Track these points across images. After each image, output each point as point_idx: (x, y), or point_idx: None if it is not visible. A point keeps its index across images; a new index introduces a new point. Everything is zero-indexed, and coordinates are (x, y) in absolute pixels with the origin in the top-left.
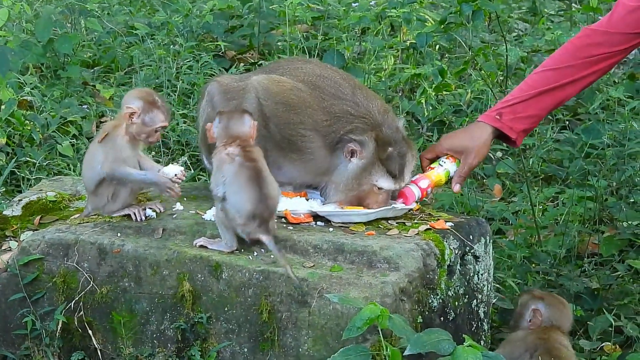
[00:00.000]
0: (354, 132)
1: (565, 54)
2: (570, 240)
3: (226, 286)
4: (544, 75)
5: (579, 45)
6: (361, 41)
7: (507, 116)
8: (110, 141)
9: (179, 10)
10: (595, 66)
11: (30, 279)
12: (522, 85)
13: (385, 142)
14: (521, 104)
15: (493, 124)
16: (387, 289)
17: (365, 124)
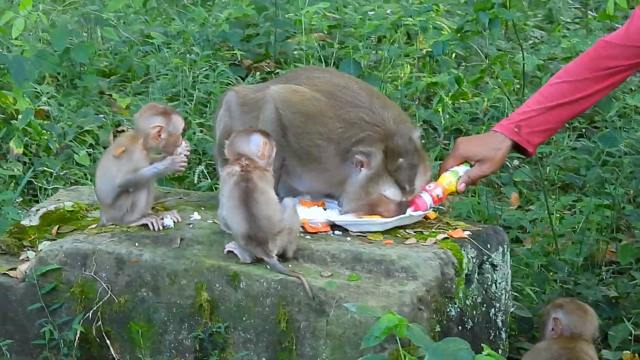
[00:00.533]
0: (364, 142)
1: (580, 66)
2: (588, 249)
3: (244, 296)
4: (559, 87)
5: (595, 57)
6: (377, 50)
7: (525, 130)
8: (127, 155)
9: (195, 19)
10: (611, 78)
11: (48, 289)
12: (538, 97)
13: (395, 152)
14: (538, 117)
15: (512, 137)
16: (405, 298)
17: (377, 133)
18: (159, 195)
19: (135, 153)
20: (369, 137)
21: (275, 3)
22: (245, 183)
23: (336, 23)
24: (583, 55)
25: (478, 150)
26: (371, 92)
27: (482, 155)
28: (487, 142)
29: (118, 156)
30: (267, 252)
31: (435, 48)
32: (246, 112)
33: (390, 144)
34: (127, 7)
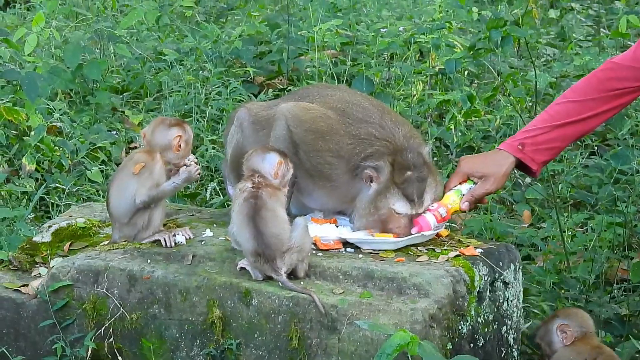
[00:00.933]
0: (372, 157)
1: (588, 86)
2: (600, 266)
3: (256, 312)
4: (566, 107)
5: (603, 78)
6: (390, 67)
7: (529, 147)
8: (147, 171)
9: (208, 36)
10: (618, 100)
11: (60, 305)
12: (544, 116)
13: (402, 166)
14: (543, 135)
15: (515, 154)
16: (416, 315)
17: (386, 148)
18: (171, 212)
19: (156, 168)
20: (377, 151)
21: (288, 20)
22: (254, 200)
23: (348, 40)
24: (591, 75)
25: (480, 167)
26: (382, 109)
27: (484, 172)
28: (490, 159)
29: (138, 173)
30: (276, 270)
31: (448, 65)
32: (258, 130)
33: (398, 158)
34: (140, 24)
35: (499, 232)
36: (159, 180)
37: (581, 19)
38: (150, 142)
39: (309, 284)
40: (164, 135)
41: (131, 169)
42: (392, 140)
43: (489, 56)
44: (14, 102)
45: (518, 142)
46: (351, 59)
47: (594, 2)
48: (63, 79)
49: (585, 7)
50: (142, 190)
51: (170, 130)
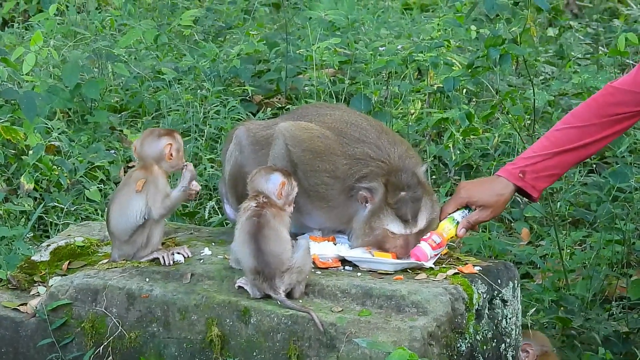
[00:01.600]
0: (367, 177)
1: (588, 112)
2: (598, 284)
3: (255, 331)
4: (567, 133)
5: (602, 103)
6: (388, 85)
7: (530, 175)
8: (150, 184)
9: (206, 55)
10: (619, 125)
11: (58, 324)
12: (544, 142)
13: (396, 186)
14: (543, 162)
15: (516, 183)
16: (415, 333)
17: (380, 169)
18: (169, 231)
19: (159, 180)
20: (371, 172)
21: (286, 39)
22: (257, 218)
23: (347, 59)
24: (590, 100)
25: (480, 195)
26: (380, 128)
27: (484, 201)
28: (490, 188)
29: (141, 190)
30: (274, 289)
31: (447, 84)
32: (257, 150)
33: (392, 178)
34: (138, 43)
35: (498, 250)
36: (167, 191)
37: (579, 37)
38: (142, 154)
39: (307, 303)
40: (155, 146)
41: (132, 187)
42: (387, 161)
43: (488, 74)
44: (12, 122)
45: (519, 169)
46: (349, 77)
47: (593, 20)
48: (61, 98)
49: (583, 25)
50: (156, 205)
51: (160, 140)
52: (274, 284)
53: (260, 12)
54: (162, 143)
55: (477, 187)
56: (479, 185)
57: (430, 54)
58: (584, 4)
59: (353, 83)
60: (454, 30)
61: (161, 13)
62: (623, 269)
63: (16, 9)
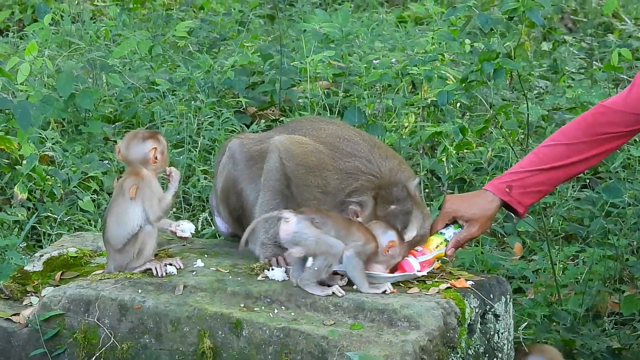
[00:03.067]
0: (357, 191)
1: (578, 130)
2: (591, 299)
3: (247, 343)
4: (555, 150)
5: (592, 122)
6: (382, 98)
7: (516, 190)
8: (144, 189)
9: (200, 66)
10: (607, 144)
11: (51, 334)
12: (532, 158)
13: (385, 200)
14: (531, 178)
15: (502, 197)
16: (407, 347)
17: (371, 182)
18: (162, 242)
19: (152, 183)
20: (362, 186)
21: (280, 51)
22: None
23: (341, 71)
24: (580, 118)
25: (465, 210)
26: (373, 143)
27: (469, 216)
28: (476, 202)
29: (135, 196)
30: None
31: (440, 98)
32: (251, 166)
33: (382, 192)
34: (132, 54)
35: (490, 265)
36: (160, 192)
37: (574, 52)
38: (127, 158)
39: (299, 315)
40: (140, 149)
41: (127, 196)
42: (378, 174)
43: (481, 88)
44: (6, 131)
45: (505, 184)
46: (343, 90)
47: (587, 34)
48: (55, 108)
49: (578, 40)
50: (153, 208)
51: (145, 144)
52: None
53: (255, 24)
54: (147, 147)
55: (462, 202)
56: (465, 199)
57: (424, 67)
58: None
59: (347, 96)
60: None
61: (156, 24)
62: (616, 284)
63: (11, 18)
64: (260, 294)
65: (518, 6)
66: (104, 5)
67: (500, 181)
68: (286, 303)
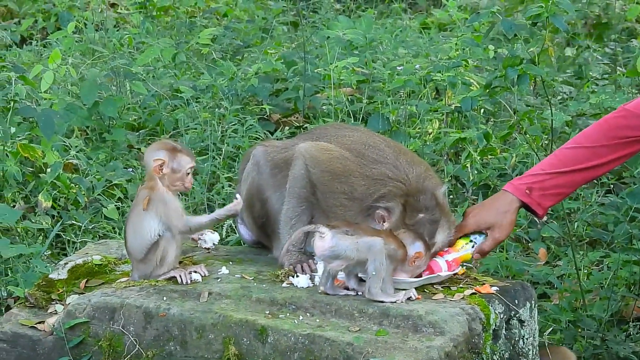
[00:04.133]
0: (385, 197)
1: (599, 133)
2: (616, 305)
3: (272, 350)
4: (576, 152)
5: (614, 125)
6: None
7: (536, 192)
8: (157, 202)
9: (224, 73)
10: (628, 148)
11: (76, 342)
12: (553, 160)
13: (414, 208)
14: (551, 180)
15: (522, 199)
16: (432, 353)
17: (399, 189)
18: (186, 250)
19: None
20: (390, 192)
21: (304, 58)
22: None
23: (365, 78)
24: (602, 121)
25: (486, 218)
26: (399, 149)
27: (491, 222)
28: (495, 207)
29: (146, 208)
30: None
31: (464, 104)
32: (276, 174)
33: (411, 200)
34: (156, 61)
35: (515, 270)
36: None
37: (597, 57)
38: (144, 162)
39: (324, 321)
40: (148, 156)
41: (141, 206)
42: (406, 181)
43: (505, 94)
44: (30, 139)
45: (525, 186)
46: (367, 96)
47: (611, 40)
48: (79, 116)
49: (601, 46)
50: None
51: (155, 153)
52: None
53: (278, 31)
54: (154, 156)
55: (482, 210)
56: (484, 208)
57: (448, 73)
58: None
59: (371, 102)
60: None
61: (179, 31)
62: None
63: (34, 26)
64: (285, 300)
65: (542, 12)
66: (128, 13)
67: (520, 182)
68: (311, 310)
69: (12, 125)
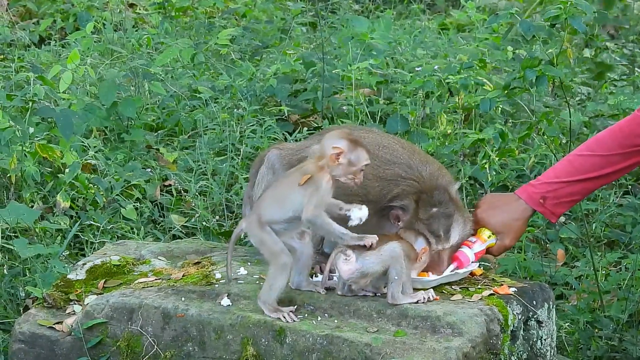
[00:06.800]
0: (399, 197)
1: (614, 141)
2: (634, 305)
3: (290, 351)
4: (591, 160)
5: (628, 133)
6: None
7: (550, 201)
8: (313, 185)
9: (243, 74)
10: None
11: (94, 342)
12: (567, 167)
13: (428, 203)
14: (566, 188)
15: (536, 208)
16: (450, 354)
17: (412, 187)
18: (205, 250)
19: (323, 182)
20: (403, 191)
21: (322, 59)
22: None
23: (384, 79)
24: (617, 127)
25: (495, 222)
26: (412, 149)
27: (500, 228)
28: (507, 211)
29: (303, 184)
30: None
31: (483, 105)
32: None
33: (424, 196)
34: (175, 62)
35: (533, 271)
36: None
37: (616, 58)
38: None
39: (342, 322)
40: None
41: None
42: (419, 179)
43: (523, 95)
44: (48, 140)
45: (540, 195)
46: (386, 97)
47: (629, 41)
48: (98, 117)
49: (620, 47)
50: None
51: (336, 141)
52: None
53: (297, 32)
54: (334, 144)
55: (494, 212)
56: (496, 210)
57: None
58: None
59: (390, 103)
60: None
61: (198, 32)
62: None
63: (53, 26)
64: (303, 301)
65: (560, 13)
66: (146, 13)
67: (534, 190)
68: (329, 310)
69: (30, 125)
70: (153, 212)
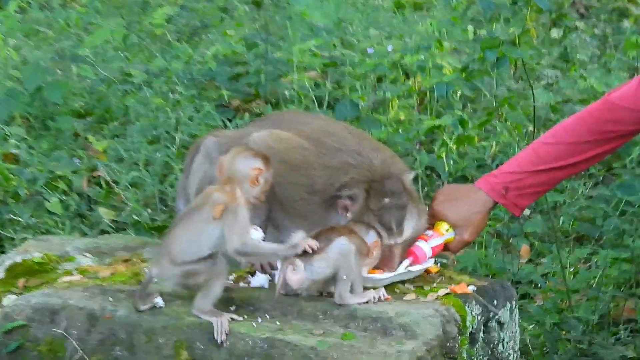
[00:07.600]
0: (347, 185)
1: (582, 127)
2: (604, 306)
3: (228, 355)
4: (557, 149)
5: (598, 119)
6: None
7: (513, 192)
8: (230, 214)
9: (179, 56)
10: (612, 143)
11: (12, 347)
12: (531, 156)
13: (379, 193)
14: (530, 178)
15: (497, 200)
16: (403, 358)
17: (362, 175)
18: (135, 246)
19: (239, 209)
20: (352, 180)
21: (266, 40)
22: None
23: (332, 62)
24: (585, 113)
25: (454, 215)
26: (361, 136)
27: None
28: (466, 204)
29: (220, 217)
30: None
31: (439, 88)
32: None
33: (375, 185)
34: (106, 43)
35: (495, 268)
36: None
37: (586, 39)
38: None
39: (285, 324)
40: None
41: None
42: (370, 167)
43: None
44: None
45: (501, 185)
46: (334, 81)
47: (600, 20)
48: (21, 102)
49: (590, 27)
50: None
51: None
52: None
53: (240, 11)
54: (252, 165)
55: (451, 205)
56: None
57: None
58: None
59: (338, 87)
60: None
61: (131, 11)
62: (631, 289)
63: None
64: (242, 301)
65: None
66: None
67: (496, 180)
68: (271, 311)
69: None
70: (80, 206)
